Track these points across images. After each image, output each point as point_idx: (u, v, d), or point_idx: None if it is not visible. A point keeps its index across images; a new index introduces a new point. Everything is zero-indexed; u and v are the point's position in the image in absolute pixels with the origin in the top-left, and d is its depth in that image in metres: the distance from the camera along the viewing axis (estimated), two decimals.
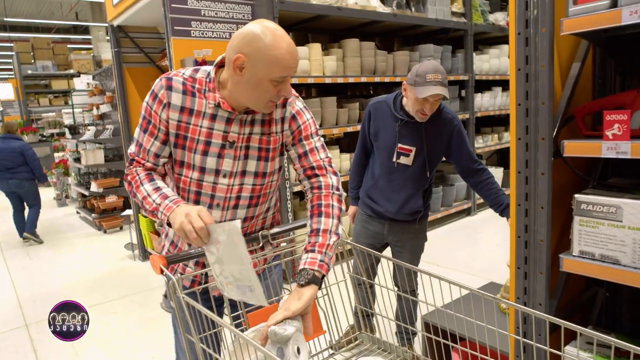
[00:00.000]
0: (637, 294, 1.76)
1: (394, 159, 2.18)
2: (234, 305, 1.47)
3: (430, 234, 5.41)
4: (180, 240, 1.53)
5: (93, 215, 6.34)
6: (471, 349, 1.97)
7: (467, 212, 5.69)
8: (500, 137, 6.12)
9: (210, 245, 1.23)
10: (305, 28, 4.80)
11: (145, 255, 4.76)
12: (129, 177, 1.42)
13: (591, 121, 1.57)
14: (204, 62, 3.26)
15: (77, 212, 7.41)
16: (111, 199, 6.20)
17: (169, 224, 1.28)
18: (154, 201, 1.32)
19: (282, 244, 1.62)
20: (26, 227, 5.78)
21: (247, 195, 1.43)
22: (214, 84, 1.34)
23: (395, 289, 2.18)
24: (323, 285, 1.46)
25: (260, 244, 1.51)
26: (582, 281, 1.77)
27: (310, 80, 3.99)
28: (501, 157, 6.98)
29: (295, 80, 3.86)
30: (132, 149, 1.43)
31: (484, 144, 5.81)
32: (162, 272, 1.31)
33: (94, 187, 6.10)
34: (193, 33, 3.38)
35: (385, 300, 1.58)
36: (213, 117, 1.35)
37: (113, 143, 6.23)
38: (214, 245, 1.23)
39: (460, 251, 4.55)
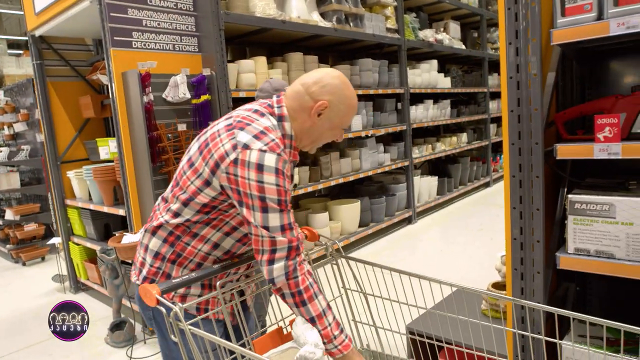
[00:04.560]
0: (604, 286, 1.90)
1: None
2: (238, 332, 1.36)
3: (375, 244, 5.47)
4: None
5: (8, 246, 5.65)
6: (458, 353, 1.99)
7: (408, 221, 5.87)
8: (434, 147, 6.42)
9: None
10: (243, 42, 4.72)
11: (77, 286, 4.31)
12: (299, 278, 1.24)
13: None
14: (148, 75, 3.06)
15: None
16: (30, 226, 5.57)
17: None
18: (330, 325, 1.26)
19: None
20: None
21: None
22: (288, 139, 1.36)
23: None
24: None
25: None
26: (554, 278, 1.88)
27: None
28: (433, 166, 7.32)
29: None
30: (287, 236, 1.24)
31: (419, 154, 6.06)
32: (158, 302, 1.18)
33: (9, 214, 5.44)
34: (135, 44, 3.17)
35: (380, 311, 1.56)
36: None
37: (30, 165, 5.62)
38: None
39: (407, 259, 4.66)
